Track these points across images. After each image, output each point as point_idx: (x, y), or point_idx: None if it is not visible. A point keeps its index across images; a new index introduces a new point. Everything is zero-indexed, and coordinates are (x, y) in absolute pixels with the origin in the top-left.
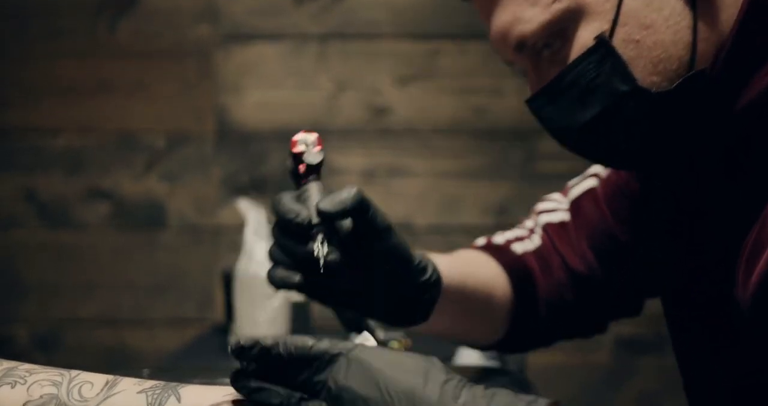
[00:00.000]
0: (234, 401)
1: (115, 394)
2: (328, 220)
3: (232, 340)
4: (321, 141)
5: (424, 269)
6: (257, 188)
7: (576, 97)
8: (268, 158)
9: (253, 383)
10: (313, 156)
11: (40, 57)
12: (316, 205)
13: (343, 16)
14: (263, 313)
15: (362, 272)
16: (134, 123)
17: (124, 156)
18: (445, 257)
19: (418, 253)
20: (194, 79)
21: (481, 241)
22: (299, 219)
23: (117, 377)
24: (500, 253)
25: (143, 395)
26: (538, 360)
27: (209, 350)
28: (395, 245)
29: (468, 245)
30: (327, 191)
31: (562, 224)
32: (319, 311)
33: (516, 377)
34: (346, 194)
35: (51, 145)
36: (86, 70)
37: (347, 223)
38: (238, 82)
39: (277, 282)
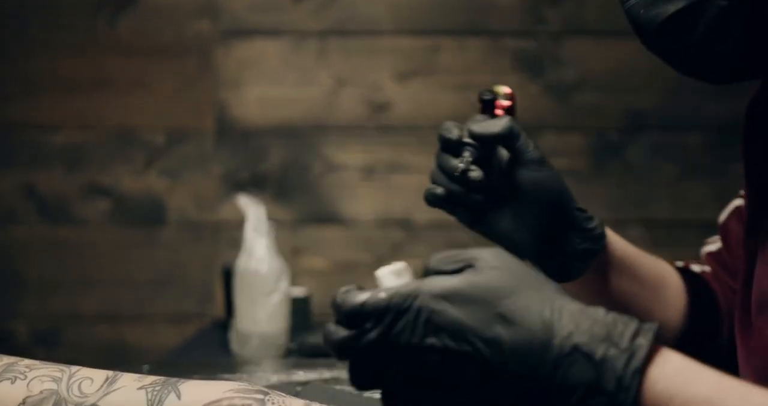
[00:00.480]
0: (234, 397)
1: (114, 390)
2: (477, 140)
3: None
4: (513, 96)
5: (588, 218)
6: (257, 185)
7: None
8: (268, 154)
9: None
10: (484, 93)
11: (40, 53)
12: (469, 126)
13: (343, 12)
14: (263, 309)
15: (512, 200)
16: (134, 119)
17: (123, 152)
18: (614, 235)
19: None
20: (194, 75)
21: None
22: (450, 134)
23: (117, 372)
24: (678, 268)
25: (143, 392)
26: None
27: (209, 346)
28: (547, 177)
29: (468, 240)
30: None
31: (719, 251)
32: (319, 306)
33: None
34: (497, 121)
35: (50, 141)
36: (86, 66)
37: (501, 150)
38: (238, 78)
39: (425, 195)
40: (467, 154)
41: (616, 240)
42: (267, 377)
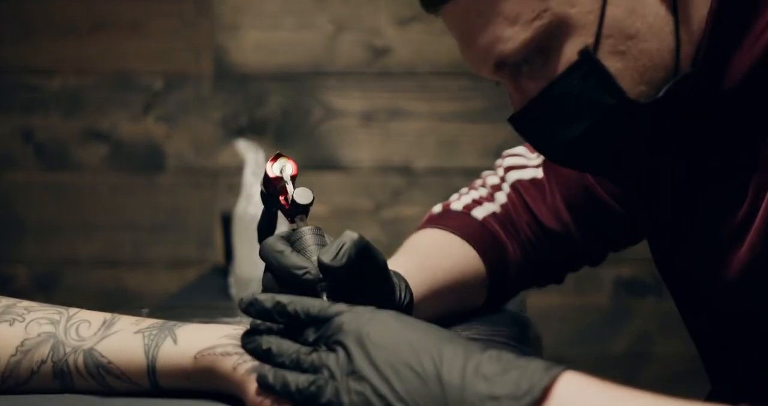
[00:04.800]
0: (227, 345)
1: (112, 334)
2: (332, 274)
3: (245, 296)
4: (297, 170)
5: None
6: (256, 129)
7: (562, 113)
8: (267, 99)
9: (264, 343)
10: (302, 196)
11: None
12: (319, 259)
13: None
14: None
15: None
16: (131, 64)
17: (121, 97)
18: (413, 262)
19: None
20: (191, 19)
21: (438, 209)
22: (308, 276)
23: (115, 315)
24: (461, 225)
25: (140, 336)
26: (537, 302)
27: (209, 291)
28: (388, 279)
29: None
30: (319, 236)
31: (533, 181)
32: None
33: (516, 316)
34: (348, 244)
35: (47, 85)
36: (83, 9)
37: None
38: (236, 22)
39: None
40: (325, 296)
41: (417, 290)
42: None
